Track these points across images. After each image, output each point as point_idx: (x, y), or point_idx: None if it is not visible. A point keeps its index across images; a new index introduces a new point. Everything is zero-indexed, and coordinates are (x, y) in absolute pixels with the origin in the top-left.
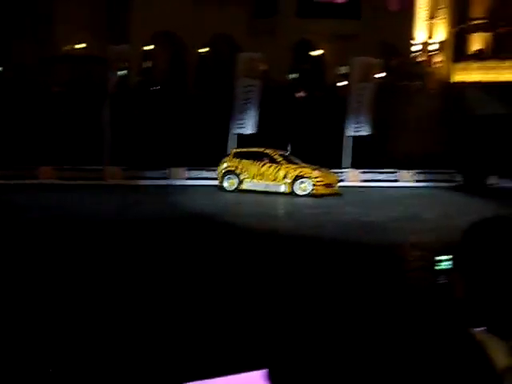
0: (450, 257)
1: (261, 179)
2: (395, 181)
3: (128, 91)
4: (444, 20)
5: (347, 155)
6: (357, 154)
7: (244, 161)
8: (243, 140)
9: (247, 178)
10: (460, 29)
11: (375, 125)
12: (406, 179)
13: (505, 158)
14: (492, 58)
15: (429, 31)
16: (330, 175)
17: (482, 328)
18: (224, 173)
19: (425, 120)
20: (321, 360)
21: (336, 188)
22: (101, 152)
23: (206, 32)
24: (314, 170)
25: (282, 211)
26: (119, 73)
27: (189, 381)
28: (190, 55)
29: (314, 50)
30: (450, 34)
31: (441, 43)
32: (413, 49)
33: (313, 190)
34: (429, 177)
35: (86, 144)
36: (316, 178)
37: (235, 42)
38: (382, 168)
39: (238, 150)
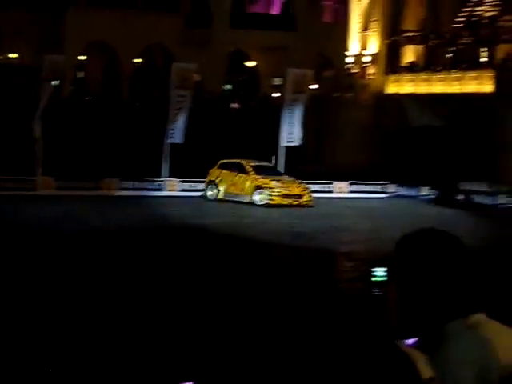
0: (385, 269)
1: (233, 190)
2: (329, 192)
3: (61, 101)
4: (377, 32)
5: (280, 166)
6: (291, 164)
7: (223, 171)
8: (177, 150)
9: (223, 188)
10: (393, 41)
11: (309, 135)
12: (341, 190)
13: (436, 170)
14: (424, 70)
15: (362, 43)
16: (295, 187)
17: (413, 340)
18: (207, 183)
19: (358, 131)
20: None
21: (303, 199)
22: (33, 163)
23: (140, 42)
24: (274, 180)
25: (217, 220)
26: (53, 83)
27: None
28: (125, 65)
29: (248, 60)
30: (383, 46)
31: (374, 55)
32: (347, 60)
33: (269, 200)
34: (363, 188)
35: (18, 155)
36: (272, 188)
37: (169, 52)
38: (316, 179)
39: (224, 161)
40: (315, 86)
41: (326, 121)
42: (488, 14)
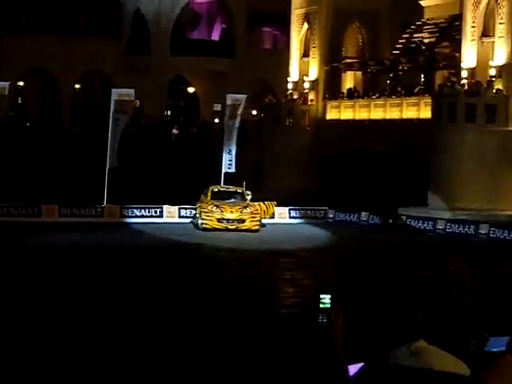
0: (330, 296)
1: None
2: (271, 217)
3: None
4: (316, 59)
5: None
6: None
7: (202, 197)
8: (121, 176)
9: (198, 213)
10: (332, 67)
11: (249, 161)
12: (281, 216)
13: (374, 195)
14: (363, 96)
15: (302, 69)
16: (230, 211)
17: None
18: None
19: (297, 157)
20: None
21: (244, 224)
22: None
23: (80, 68)
24: (215, 205)
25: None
26: None
27: None
28: (64, 91)
29: (188, 86)
30: (323, 72)
31: (314, 81)
32: (287, 86)
33: (202, 223)
34: (302, 213)
35: None
36: (206, 213)
37: (109, 78)
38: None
39: (206, 189)
40: (255, 112)
41: (265, 146)
42: (426, 41)
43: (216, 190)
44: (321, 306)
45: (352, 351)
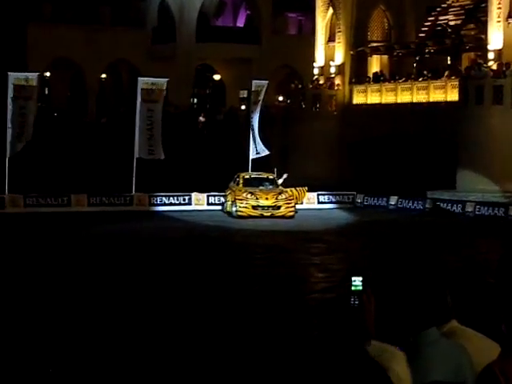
0: (361, 278)
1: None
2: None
3: None
4: (342, 43)
5: None
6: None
7: (231, 184)
8: (149, 165)
9: (229, 200)
10: (358, 52)
11: (276, 147)
12: (310, 201)
13: (404, 179)
14: (390, 79)
15: (328, 54)
16: (265, 198)
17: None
18: (224, 196)
19: (324, 142)
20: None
21: (280, 211)
22: (2, 180)
23: (106, 58)
24: (250, 192)
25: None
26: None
27: None
28: (90, 81)
29: (214, 74)
30: (349, 56)
31: (340, 66)
32: (313, 72)
33: (237, 211)
34: (331, 198)
35: None
36: (241, 200)
37: (135, 67)
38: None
39: (236, 175)
40: (281, 98)
41: (292, 132)
42: (452, 23)
43: (247, 176)
44: (352, 288)
45: (383, 332)
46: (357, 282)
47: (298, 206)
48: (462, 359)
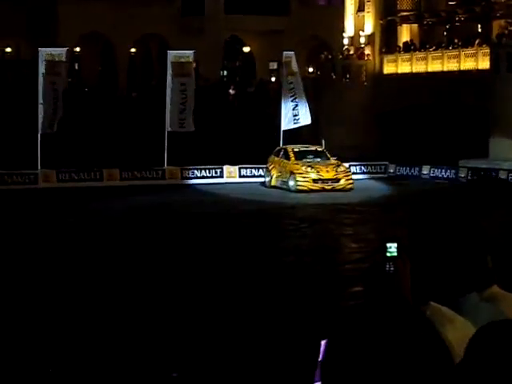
0: (396, 244)
1: (281, 176)
2: None
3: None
4: (371, 13)
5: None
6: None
7: (276, 158)
8: (180, 138)
9: (275, 175)
10: (388, 21)
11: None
12: None
13: (435, 148)
14: (420, 49)
15: (357, 24)
16: (326, 171)
17: (430, 304)
18: (266, 169)
19: (355, 112)
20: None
21: (340, 184)
22: (34, 156)
23: (134, 32)
24: (307, 165)
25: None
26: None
27: None
28: (120, 56)
29: (244, 46)
30: (378, 26)
31: (369, 36)
32: (343, 42)
33: (297, 185)
34: (364, 169)
35: (18, 149)
36: (301, 174)
37: (164, 40)
38: None
39: (277, 148)
40: (311, 70)
41: (323, 103)
42: None
43: (297, 149)
44: (388, 254)
45: (421, 299)
46: (392, 248)
47: None
48: None
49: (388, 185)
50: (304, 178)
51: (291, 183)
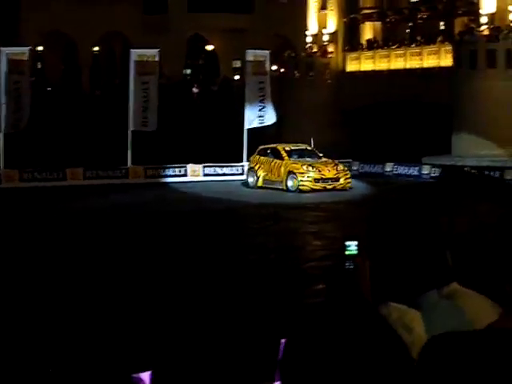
0: (357, 242)
1: (271, 176)
2: None
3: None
4: (334, 10)
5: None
6: (253, 146)
7: (262, 158)
8: (144, 137)
9: (262, 175)
10: (351, 19)
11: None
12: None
13: (399, 145)
14: (383, 46)
15: (320, 22)
16: (327, 170)
17: (387, 303)
18: (248, 169)
19: (319, 110)
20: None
21: (339, 183)
22: None
23: (98, 30)
24: (307, 164)
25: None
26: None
27: None
28: (83, 54)
29: (207, 44)
30: (341, 24)
31: (332, 34)
32: (306, 40)
33: (299, 185)
34: None
35: None
36: (303, 173)
37: (127, 39)
38: None
39: (262, 147)
40: (275, 68)
41: (286, 101)
42: None
43: (288, 148)
44: (347, 252)
45: (381, 297)
46: (351, 246)
47: None
48: (460, 321)
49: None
50: (305, 177)
51: (290, 183)
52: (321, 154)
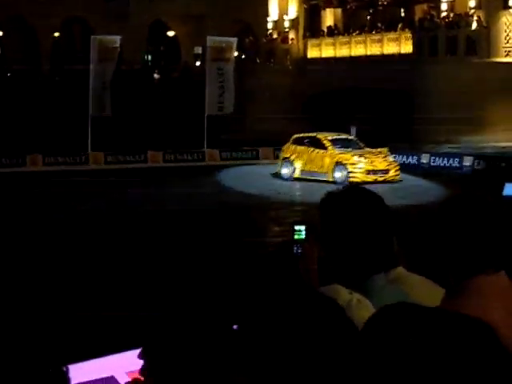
0: (305, 226)
1: (311, 167)
2: (255, 158)
3: None
4: None
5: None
6: (213, 133)
7: (298, 147)
8: (104, 123)
9: (299, 165)
10: (311, 5)
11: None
12: (266, 157)
13: (360, 134)
14: (344, 33)
15: (281, 8)
16: (379, 161)
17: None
18: (281, 160)
19: (280, 97)
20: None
21: (390, 175)
22: None
23: (58, 16)
24: (357, 155)
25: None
26: None
27: None
28: (43, 40)
29: (168, 30)
30: (303, 10)
31: (293, 20)
32: (267, 26)
33: (349, 177)
34: None
35: None
36: (354, 164)
37: (88, 25)
38: (241, 147)
39: (297, 136)
40: (236, 53)
41: (247, 88)
42: None
43: (330, 138)
44: (295, 237)
45: (329, 281)
46: (300, 230)
47: (256, 161)
48: None
49: None
50: (356, 169)
51: (338, 175)
52: (362, 144)
